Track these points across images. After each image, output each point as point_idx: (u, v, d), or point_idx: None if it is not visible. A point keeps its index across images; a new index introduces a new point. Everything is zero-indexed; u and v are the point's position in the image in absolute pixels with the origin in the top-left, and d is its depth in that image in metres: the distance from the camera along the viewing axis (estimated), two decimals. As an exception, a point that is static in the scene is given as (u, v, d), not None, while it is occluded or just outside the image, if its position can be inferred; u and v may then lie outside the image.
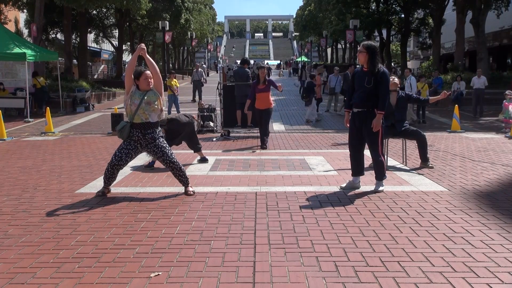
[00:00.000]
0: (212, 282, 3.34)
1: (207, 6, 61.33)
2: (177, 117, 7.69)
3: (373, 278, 3.38)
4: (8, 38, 16.88)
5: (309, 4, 59.45)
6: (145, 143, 5.65)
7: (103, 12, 34.35)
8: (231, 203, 5.37)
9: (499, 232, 4.33)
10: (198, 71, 23.49)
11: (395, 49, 53.92)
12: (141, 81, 5.56)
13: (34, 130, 13.54)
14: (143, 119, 5.57)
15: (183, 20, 37.21)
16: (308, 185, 6.28)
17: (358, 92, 5.87)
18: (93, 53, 45.92)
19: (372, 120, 5.72)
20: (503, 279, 3.37)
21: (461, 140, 10.61)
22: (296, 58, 75.44)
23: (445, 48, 40.21)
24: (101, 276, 3.45)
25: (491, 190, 5.98)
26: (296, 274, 3.46)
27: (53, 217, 4.89)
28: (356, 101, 5.89)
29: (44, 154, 8.99)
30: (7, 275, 3.48)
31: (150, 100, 5.56)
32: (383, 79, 5.72)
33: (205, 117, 12.39)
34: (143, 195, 5.80)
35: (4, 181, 6.64)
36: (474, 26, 23.98)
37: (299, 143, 10.31)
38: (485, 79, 17.34)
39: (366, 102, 5.78)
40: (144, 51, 5.67)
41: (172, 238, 4.23)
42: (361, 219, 4.77)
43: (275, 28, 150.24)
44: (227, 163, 7.90)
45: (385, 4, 36.01)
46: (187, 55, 70.24)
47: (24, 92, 16.99)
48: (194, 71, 23.99)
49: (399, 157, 8.24)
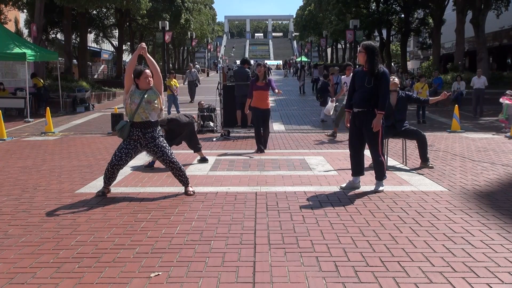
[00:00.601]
0: (212, 282, 3.35)
1: (207, 6, 61.33)
2: (177, 117, 7.69)
3: (373, 278, 3.38)
4: (8, 38, 16.88)
5: (309, 4, 59.46)
6: (145, 143, 5.65)
7: (103, 12, 34.37)
8: (231, 203, 5.37)
9: (499, 232, 4.33)
10: (192, 72, 23.34)
11: (395, 49, 53.92)
12: (142, 80, 5.56)
13: (34, 130, 13.54)
14: (143, 118, 5.57)
15: (183, 20, 37.21)
16: (308, 185, 6.28)
17: (358, 92, 5.87)
18: (93, 53, 45.93)
19: (372, 120, 5.72)
20: (503, 279, 3.37)
21: (461, 140, 10.61)
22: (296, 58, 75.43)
23: (445, 48, 40.21)
24: (101, 276, 3.45)
25: (491, 190, 5.98)
26: (296, 274, 3.46)
27: (53, 217, 4.89)
28: (356, 101, 5.89)
29: (44, 154, 8.99)
30: (7, 275, 3.48)
31: (150, 99, 5.57)
32: (383, 79, 5.72)
33: (205, 117, 12.39)
34: (143, 195, 5.80)
35: (4, 181, 6.64)
36: (474, 26, 23.98)
37: (299, 143, 10.31)
38: (485, 79, 17.34)
39: (366, 102, 5.78)
40: (144, 50, 5.68)
41: (172, 238, 4.23)
42: (361, 219, 4.77)
43: (275, 28, 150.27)
44: (227, 163, 7.90)
45: (385, 4, 36.00)
46: (187, 55, 70.24)
47: (24, 92, 16.99)
48: (187, 72, 23.77)
49: (399, 157, 8.24)
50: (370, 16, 34.97)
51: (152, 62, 5.73)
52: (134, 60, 5.76)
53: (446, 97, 7.12)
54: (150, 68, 5.74)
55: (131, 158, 5.71)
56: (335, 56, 64.61)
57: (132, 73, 5.61)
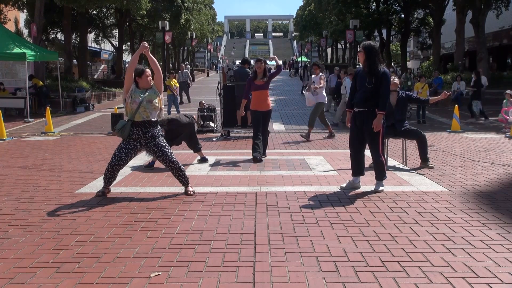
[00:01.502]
0: (212, 282, 3.35)
1: (207, 6, 61.32)
2: (178, 118, 7.69)
3: (373, 278, 3.38)
4: (8, 38, 16.88)
5: (309, 4, 59.42)
6: (145, 142, 5.65)
7: (103, 12, 34.35)
8: (231, 203, 5.37)
9: (499, 232, 4.33)
10: (184, 72, 23.17)
11: (395, 49, 53.92)
12: (143, 79, 5.57)
13: (34, 130, 13.54)
14: (144, 117, 5.58)
15: (183, 20, 37.21)
16: (308, 185, 6.28)
17: (359, 92, 5.87)
18: (93, 53, 45.90)
19: (373, 120, 5.73)
20: (503, 279, 3.37)
21: (461, 140, 10.61)
22: (296, 58, 75.37)
23: (445, 48, 40.20)
24: (101, 276, 3.45)
25: (491, 190, 5.98)
26: (296, 274, 3.46)
27: (53, 217, 4.89)
28: (357, 100, 5.89)
29: (44, 154, 8.99)
30: (7, 275, 3.48)
31: (151, 98, 5.57)
32: (384, 79, 5.72)
33: (205, 117, 12.39)
34: (143, 195, 5.80)
35: (4, 181, 6.64)
36: (474, 26, 23.97)
37: (299, 143, 10.31)
38: (485, 79, 17.33)
39: (367, 102, 5.78)
40: (147, 50, 5.67)
41: (172, 238, 4.23)
42: (361, 219, 4.77)
43: (275, 28, 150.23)
44: (227, 163, 7.90)
45: (385, 4, 36.00)
46: (187, 55, 70.23)
47: (24, 92, 16.99)
48: (179, 72, 23.59)
49: (399, 157, 8.24)
50: (370, 16, 34.97)
51: (154, 62, 5.74)
52: (136, 60, 5.75)
53: (446, 97, 7.12)
54: (152, 67, 5.74)
55: (131, 158, 5.71)
56: (335, 56, 64.58)
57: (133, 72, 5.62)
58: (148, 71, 5.62)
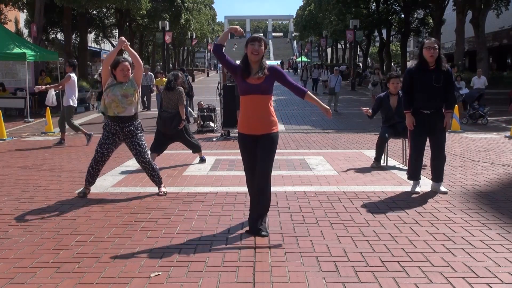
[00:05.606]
0: (212, 282, 3.35)
1: (207, 6, 61.36)
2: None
3: (373, 278, 3.38)
4: (8, 38, 16.87)
5: (309, 4, 59.43)
6: (123, 137, 5.61)
7: (103, 12, 34.37)
8: (231, 203, 5.37)
9: (499, 232, 4.33)
10: (147, 76, 19.41)
11: (395, 49, 53.93)
12: (118, 72, 5.44)
13: (34, 130, 13.54)
14: (116, 112, 5.47)
15: (183, 20, 37.23)
16: (308, 185, 6.28)
17: (426, 93, 5.63)
18: (93, 53, 45.86)
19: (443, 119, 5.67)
20: (503, 279, 3.37)
21: (461, 140, 10.61)
22: (296, 58, 75.35)
23: (445, 48, 40.21)
24: (101, 276, 3.45)
25: (491, 190, 5.98)
26: (296, 274, 3.46)
27: (53, 217, 4.89)
28: (425, 102, 5.67)
29: (44, 154, 8.99)
30: (7, 275, 3.48)
31: (127, 92, 5.46)
32: (451, 76, 5.68)
33: (205, 117, 12.39)
34: (143, 195, 5.80)
35: (4, 181, 6.64)
36: (474, 26, 23.99)
37: (299, 143, 10.31)
38: (485, 79, 17.33)
39: (437, 101, 5.66)
40: (126, 45, 5.57)
41: (172, 238, 4.23)
42: (361, 219, 4.77)
43: (275, 28, 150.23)
44: (227, 163, 7.90)
45: (385, 4, 36.04)
46: (187, 55, 70.27)
47: (24, 92, 16.99)
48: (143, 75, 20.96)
49: (399, 157, 8.23)
50: (370, 16, 35.01)
51: (134, 55, 5.62)
52: (113, 54, 5.54)
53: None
54: (132, 60, 5.61)
55: (112, 152, 5.71)
56: (335, 56, 64.58)
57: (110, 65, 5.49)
58: (125, 64, 5.43)
